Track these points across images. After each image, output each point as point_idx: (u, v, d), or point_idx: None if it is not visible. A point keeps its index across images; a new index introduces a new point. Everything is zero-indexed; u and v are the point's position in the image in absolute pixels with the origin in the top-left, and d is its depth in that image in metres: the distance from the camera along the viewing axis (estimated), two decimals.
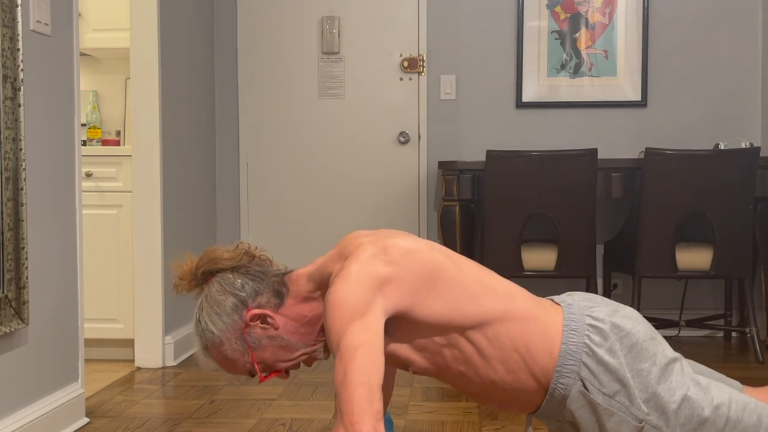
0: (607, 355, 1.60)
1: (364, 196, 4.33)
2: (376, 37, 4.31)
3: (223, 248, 1.75)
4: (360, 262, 1.57)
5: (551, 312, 1.68)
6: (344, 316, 1.50)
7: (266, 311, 1.69)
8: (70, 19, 2.68)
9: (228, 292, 1.69)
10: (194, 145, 4.00)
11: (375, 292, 1.54)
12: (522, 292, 1.70)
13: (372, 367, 1.46)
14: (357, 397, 1.42)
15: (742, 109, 4.21)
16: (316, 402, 2.95)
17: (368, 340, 1.48)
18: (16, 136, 2.28)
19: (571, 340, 1.62)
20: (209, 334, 1.69)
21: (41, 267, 2.48)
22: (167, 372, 3.45)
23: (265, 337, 1.69)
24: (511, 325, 1.63)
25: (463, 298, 1.62)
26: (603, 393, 1.59)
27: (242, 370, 1.73)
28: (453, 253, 1.71)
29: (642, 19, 4.21)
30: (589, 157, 3.54)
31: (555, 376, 1.62)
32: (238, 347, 1.69)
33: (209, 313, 1.69)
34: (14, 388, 2.34)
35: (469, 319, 1.62)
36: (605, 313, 1.67)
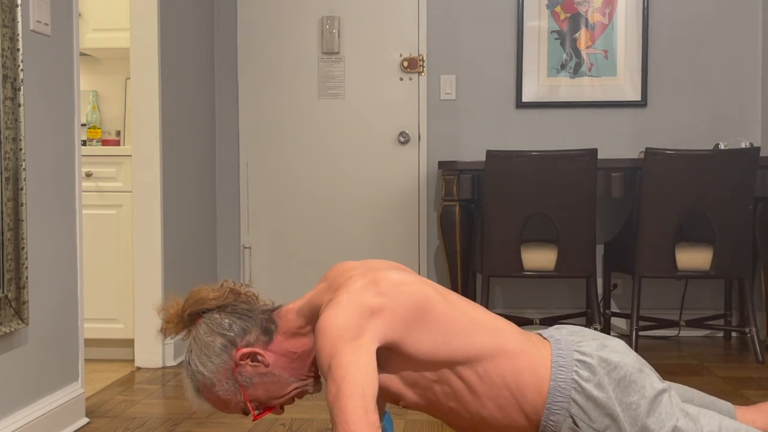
0: (596, 390, 1.61)
1: (364, 196, 4.33)
2: (376, 37, 4.31)
3: (208, 288, 1.74)
4: (350, 292, 1.57)
5: (540, 348, 1.68)
6: (334, 339, 1.50)
7: (256, 349, 1.68)
8: (70, 19, 2.68)
9: (216, 332, 1.68)
10: (194, 145, 4.00)
11: (365, 320, 1.54)
12: (511, 327, 1.70)
13: (365, 379, 1.46)
14: (351, 407, 1.42)
15: (742, 109, 4.21)
16: (316, 402, 2.95)
17: (360, 357, 1.48)
18: (16, 136, 2.28)
19: (560, 377, 1.63)
20: (200, 376, 1.68)
21: (41, 267, 2.48)
22: (167, 372, 3.45)
23: (256, 375, 1.69)
24: (501, 361, 1.63)
25: (453, 332, 1.62)
26: (593, 428, 1.60)
27: (236, 409, 1.73)
28: (442, 288, 1.71)
29: (642, 19, 4.21)
30: (589, 157, 3.54)
31: (545, 414, 1.62)
32: (230, 387, 1.69)
33: (198, 355, 1.68)
34: (14, 388, 2.34)
35: (459, 355, 1.61)
36: (593, 347, 1.67)
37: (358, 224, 4.33)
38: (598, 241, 4.13)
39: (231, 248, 4.37)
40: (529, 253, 3.64)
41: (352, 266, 1.70)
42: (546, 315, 4.11)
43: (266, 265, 4.36)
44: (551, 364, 1.64)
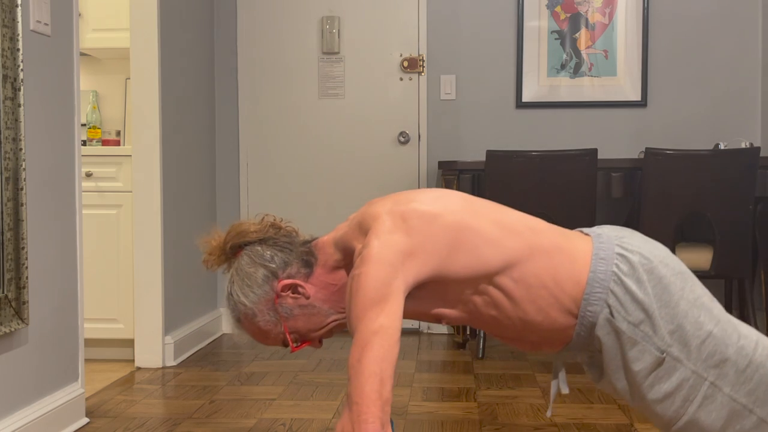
0: (634, 285, 1.61)
1: (364, 196, 4.32)
2: (376, 37, 4.31)
3: (249, 221, 1.78)
4: (380, 239, 1.57)
5: (579, 242, 1.68)
6: (365, 301, 1.52)
7: (297, 281, 1.71)
8: (70, 19, 2.68)
9: (258, 264, 1.71)
10: (194, 145, 4.00)
11: (396, 270, 1.55)
12: (547, 226, 1.71)
13: (386, 356, 1.48)
14: (368, 388, 1.45)
15: (742, 109, 4.21)
16: (316, 402, 2.95)
17: (386, 327, 1.50)
18: (16, 136, 2.28)
19: (599, 268, 1.63)
20: (241, 307, 1.71)
21: (41, 267, 2.48)
22: (167, 372, 3.45)
23: (297, 307, 1.71)
24: (536, 261, 1.64)
25: (485, 247, 1.62)
26: (628, 321, 1.60)
27: (275, 341, 1.74)
28: (468, 198, 1.71)
29: (642, 19, 4.21)
30: (589, 157, 3.54)
31: (583, 304, 1.62)
32: (270, 318, 1.70)
33: (240, 285, 1.71)
34: (14, 388, 2.34)
35: (494, 266, 1.62)
36: (636, 244, 1.67)
37: None
38: None
39: None
40: None
41: (381, 202, 1.69)
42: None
43: None
44: (591, 256, 1.65)
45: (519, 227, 1.67)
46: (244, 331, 1.75)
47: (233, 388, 3.16)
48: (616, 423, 2.66)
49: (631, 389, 1.63)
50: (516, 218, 1.69)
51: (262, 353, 3.80)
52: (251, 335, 1.75)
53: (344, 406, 1.49)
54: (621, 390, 1.65)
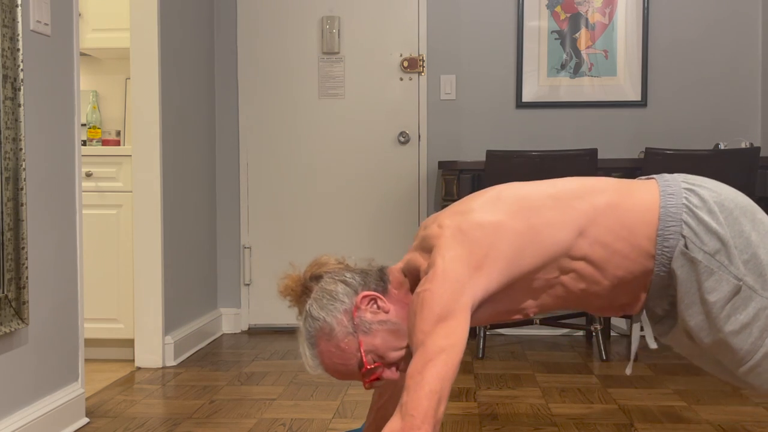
0: (707, 215, 1.62)
1: (364, 196, 4.33)
2: (376, 37, 4.31)
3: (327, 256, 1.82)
4: (444, 257, 1.58)
5: (642, 186, 1.69)
6: (431, 316, 1.52)
7: (377, 294, 1.71)
8: (70, 19, 2.68)
9: (338, 280, 1.72)
10: (194, 145, 4.00)
11: (463, 286, 1.56)
12: (603, 181, 1.71)
13: (448, 376, 1.49)
14: (426, 404, 1.46)
15: (742, 109, 4.21)
16: (316, 402, 2.95)
17: (452, 346, 1.51)
18: (16, 136, 2.28)
19: (669, 203, 1.64)
20: (319, 323, 1.69)
21: (41, 267, 2.48)
22: (167, 372, 3.45)
23: (376, 322, 1.68)
24: (603, 219, 1.64)
25: (550, 231, 1.63)
26: (704, 251, 1.60)
27: (352, 363, 1.69)
28: (519, 188, 1.71)
29: (642, 19, 4.21)
30: (589, 157, 3.54)
31: (659, 241, 1.63)
32: (349, 332, 1.67)
33: (319, 301, 1.71)
34: (14, 388, 2.34)
35: (566, 242, 1.63)
36: (701, 180, 1.69)
37: (358, 224, 4.33)
38: None
39: (231, 248, 4.37)
40: None
41: (441, 219, 1.69)
42: (546, 315, 4.11)
43: (266, 265, 4.36)
44: (659, 194, 1.66)
45: (576, 192, 1.67)
46: (318, 357, 1.70)
47: (233, 388, 3.16)
48: (616, 423, 2.66)
49: (707, 323, 1.62)
50: (571, 186, 1.70)
51: (262, 353, 3.80)
52: (326, 361, 1.70)
53: (395, 411, 1.49)
54: (695, 327, 1.63)
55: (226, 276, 4.38)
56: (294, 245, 4.34)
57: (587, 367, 3.50)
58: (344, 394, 3.05)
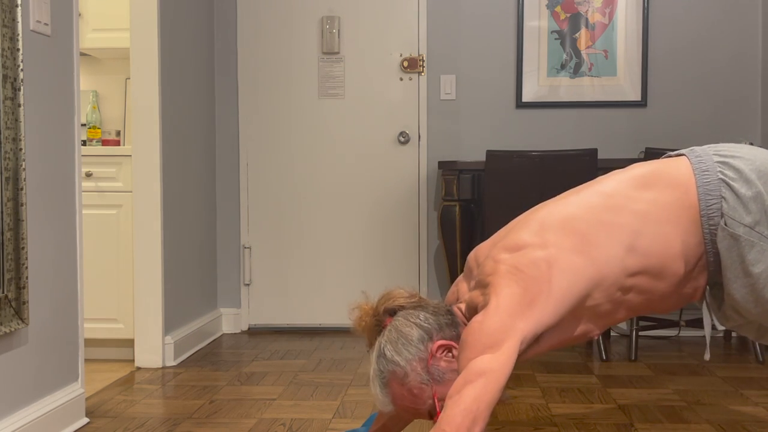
0: (743, 187, 1.60)
1: (364, 196, 4.33)
2: (376, 37, 4.31)
3: (398, 290, 1.81)
4: (499, 295, 1.59)
5: (675, 165, 1.67)
6: (478, 345, 1.54)
7: (452, 342, 1.69)
8: (70, 19, 2.68)
9: (413, 323, 1.70)
10: (194, 145, 4.00)
11: (514, 320, 1.56)
12: (636, 175, 1.69)
13: (485, 399, 1.50)
14: (459, 421, 1.47)
15: (742, 109, 4.21)
16: (316, 402, 2.95)
17: (495, 371, 1.51)
18: (16, 136, 2.28)
19: (704, 180, 1.63)
20: (393, 366, 1.68)
21: (41, 267, 2.48)
22: (167, 372, 3.45)
23: (450, 371, 1.68)
24: (648, 227, 1.64)
25: (601, 254, 1.62)
26: (744, 225, 1.60)
27: (421, 407, 1.70)
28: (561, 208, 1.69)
29: (642, 19, 4.21)
30: (589, 157, 3.54)
31: (704, 221, 1.62)
32: (423, 379, 1.67)
33: (395, 344, 1.69)
34: (14, 388, 2.34)
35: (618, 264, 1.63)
36: (732, 149, 1.67)
37: (358, 224, 4.33)
38: None
39: (231, 248, 4.37)
40: None
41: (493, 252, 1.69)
42: None
43: (266, 265, 4.36)
44: (694, 172, 1.64)
45: (615, 202, 1.66)
46: (389, 396, 1.71)
47: (233, 388, 3.16)
48: (616, 423, 2.66)
49: (753, 294, 1.62)
50: (607, 192, 1.68)
51: (262, 353, 3.80)
52: (396, 401, 1.71)
53: (434, 429, 1.50)
54: (741, 300, 1.63)
55: (226, 276, 4.38)
56: (294, 245, 4.34)
57: (587, 367, 3.50)
58: (344, 394, 3.05)
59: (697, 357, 3.69)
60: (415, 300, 1.77)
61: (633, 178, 1.70)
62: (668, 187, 1.65)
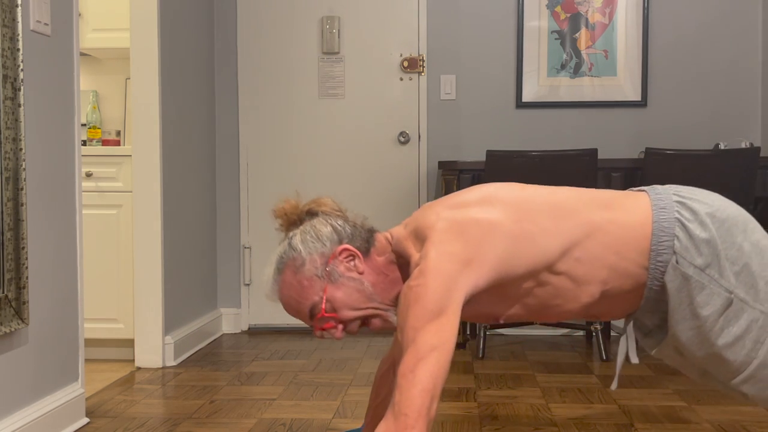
0: (698, 228, 1.61)
1: (364, 196, 4.33)
2: (376, 37, 4.31)
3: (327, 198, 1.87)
4: (438, 250, 1.57)
5: (635, 198, 1.69)
6: (424, 313, 1.52)
7: (359, 253, 1.72)
8: (70, 19, 2.68)
9: (329, 224, 1.77)
10: (194, 145, 4.00)
11: (455, 281, 1.55)
12: (597, 194, 1.71)
13: (440, 375, 1.49)
14: (420, 403, 1.45)
15: (742, 109, 4.21)
16: (316, 402, 2.95)
17: (443, 343, 1.50)
18: (16, 136, 2.28)
19: (661, 218, 1.63)
20: (294, 253, 1.73)
21: (41, 267, 2.48)
22: (167, 372, 3.45)
23: (346, 276, 1.70)
24: (598, 235, 1.64)
25: (543, 239, 1.62)
26: (694, 266, 1.60)
27: (305, 300, 1.70)
28: (518, 190, 1.69)
29: (642, 19, 4.21)
30: (589, 157, 3.54)
31: (652, 256, 1.62)
32: (317, 273, 1.70)
33: (303, 236, 1.75)
34: (14, 388, 2.34)
35: (554, 253, 1.62)
36: (692, 192, 1.68)
37: None
38: None
39: (231, 248, 4.37)
40: None
41: (436, 209, 1.68)
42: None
43: None
44: (651, 208, 1.65)
45: (573, 205, 1.67)
46: (279, 282, 1.73)
47: (233, 388, 3.16)
48: (616, 423, 2.66)
49: (700, 337, 1.61)
50: (568, 196, 1.69)
51: (262, 353, 3.80)
52: (285, 289, 1.72)
53: (387, 410, 1.48)
54: (687, 341, 1.63)
55: (226, 276, 4.38)
56: None
57: (587, 367, 3.50)
58: (344, 394, 3.05)
59: None
60: (340, 212, 1.82)
61: (595, 197, 1.71)
62: (625, 214, 1.66)
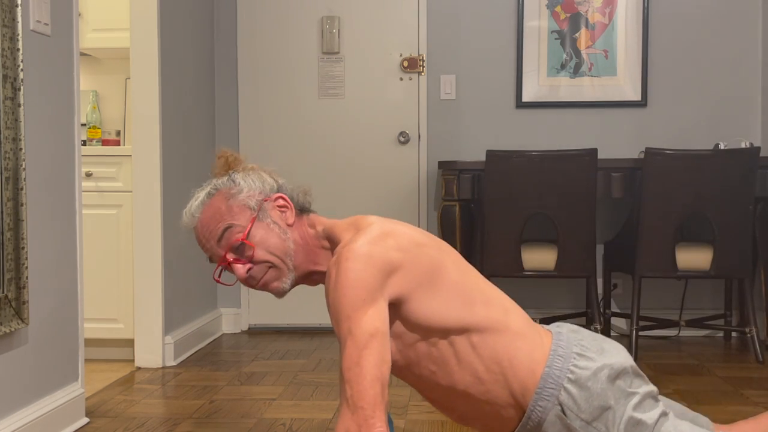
0: (590, 381, 1.61)
1: (363, 196, 4.32)
2: (376, 37, 4.31)
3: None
4: (370, 241, 1.57)
5: (541, 335, 1.69)
6: (356, 299, 1.51)
7: (292, 207, 1.74)
8: (70, 19, 2.68)
9: (273, 177, 1.78)
10: (194, 145, 4.00)
11: (384, 277, 1.55)
12: (518, 310, 1.71)
13: (386, 359, 1.49)
14: (372, 393, 1.46)
15: (742, 109, 4.21)
16: (316, 402, 2.95)
17: (380, 329, 1.50)
18: (16, 136, 2.28)
19: (555, 365, 1.63)
20: (231, 183, 1.72)
21: (41, 267, 2.48)
22: (167, 372, 3.45)
23: (273, 222, 1.70)
24: (499, 336, 1.63)
25: (458, 302, 1.62)
26: (581, 419, 1.60)
27: (221, 227, 1.68)
28: (457, 255, 1.71)
29: (642, 19, 4.21)
30: (589, 157, 3.54)
31: (534, 398, 1.62)
32: (247, 206, 1.69)
33: (245, 174, 1.74)
34: (14, 388, 2.34)
35: (458, 323, 1.61)
36: (593, 346, 1.68)
37: None
38: (598, 241, 4.13)
39: None
40: (529, 252, 3.64)
41: (376, 217, 1.70)
42: (546, 315, 4.11)
43: None
44: (550, 352, 1.65)
45: (495, 301, 1.67)
46: (205, 206, 1.71)
47: (233, 388, 3.16)
48: None
49: None
50: (493, 292, 1.69)
51: (262, 353, 3.80)
52: (209, 212, 1.70)
53: (342, 406, 1.48)
54: None
55: None
56: None
57: None
58: None
59: (697, 357, 3.69)
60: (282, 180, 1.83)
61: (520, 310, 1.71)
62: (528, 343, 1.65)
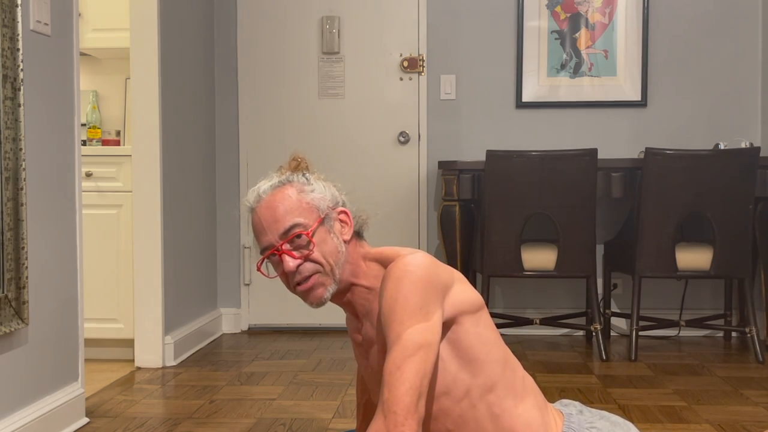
0: None
1: (364, 196, 4.32)
2: (376, 37, 4.31)
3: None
4: (430, 259, 1.59)
5: (554, 415, 1.70)
6: (413, 311, 1.52)
7: (351, 223, 1.79)
8: (70, 19, 2.68)
9: (339, 191, 1.87)
10: (194, 145, 4.00)
11: (443, 292, 1.57)
12: (536, 388, 1.72)
13: (427, 373, 1.49)
14: (408, 400, 1.45)
15: (742, 109, 4.21)
16: (316, 402, 2.96)
17: (430, 344, 1.50)
18: (16, 136, 2.28)
19: None
20: (305, 180, 1.79)
21: (41, 267, 2.48)
22: (167, 372, 3.45)
23: (333, 230, 1.75)
24: (519, 408, 1.63)
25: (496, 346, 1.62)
26: None
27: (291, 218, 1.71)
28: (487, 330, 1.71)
29: (642, 19, 4.21)
30: (589, 157, 3.54)
31: None
32: (317, 207, 1.75)
33: (318, 178, 1.82)
34: (14, 388, 2.34)
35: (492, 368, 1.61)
36: (603, 427, 1.68)
37: None
38: (598, 241, 4.13)
39: (231, 248, 4.37)
40: (529, 252, 3.64)
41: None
42: (546, 315, 4.11)
43: None
44: (564, 428, 1.65)
45: (518, 369, 1.68)
46: (275, 191, 1.75)
47: (233, 388, 3.16)
48: None
49: None
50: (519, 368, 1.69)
51: (262, 353, 3.80)
52: (279, 197, 1.74)
53: (377, 409, 1.48)
54: None
55: (226, 276, 4.38)
56: None
57: (587, 367, 3.50)
58: (344, 394, 3.05)
59: (697, 357, 3.69)
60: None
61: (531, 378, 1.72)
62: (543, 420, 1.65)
